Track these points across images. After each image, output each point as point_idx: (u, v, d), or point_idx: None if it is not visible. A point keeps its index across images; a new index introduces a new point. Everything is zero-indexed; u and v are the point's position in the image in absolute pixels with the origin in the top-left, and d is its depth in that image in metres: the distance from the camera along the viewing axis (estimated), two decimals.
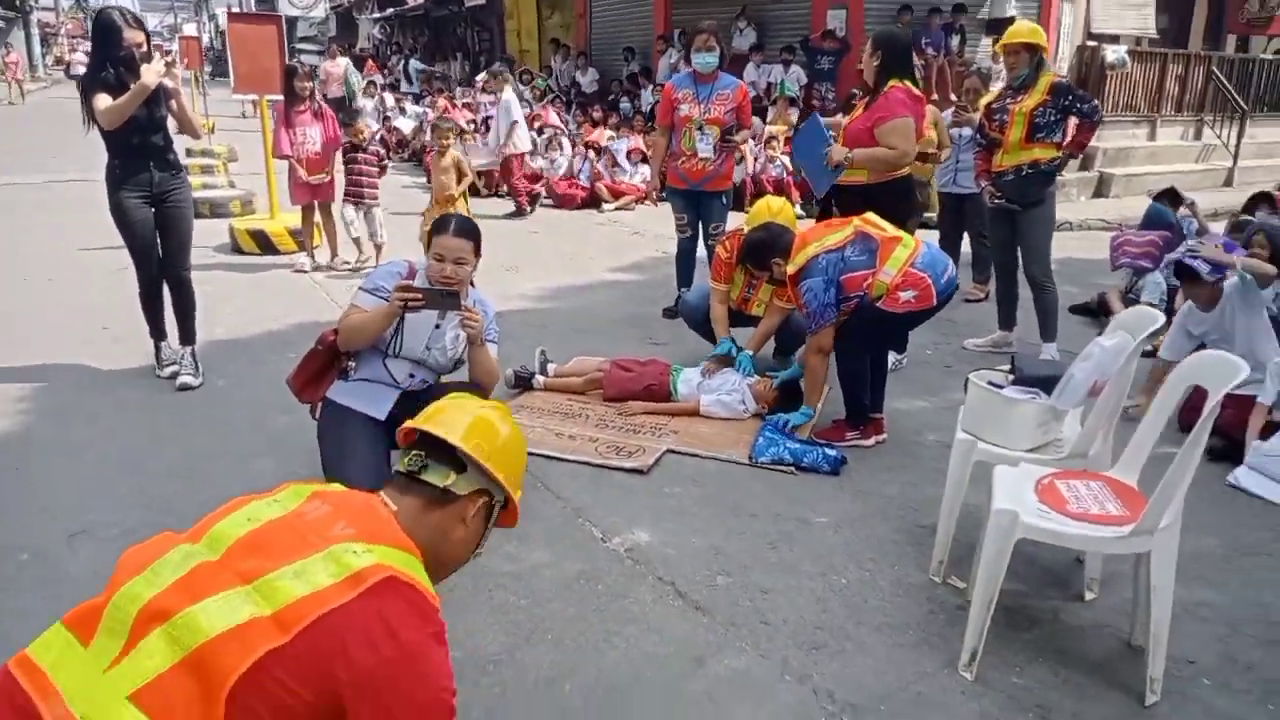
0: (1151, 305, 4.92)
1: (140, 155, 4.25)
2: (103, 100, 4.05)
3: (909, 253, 3.70)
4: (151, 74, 4.03)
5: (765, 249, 4.03)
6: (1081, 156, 5.41)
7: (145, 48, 4.19)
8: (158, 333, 4.63)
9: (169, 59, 4.22)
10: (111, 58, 4.10)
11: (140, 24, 4.26)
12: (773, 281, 4.32)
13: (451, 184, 6.88)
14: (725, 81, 5.55)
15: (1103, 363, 2.75)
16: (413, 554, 1.47)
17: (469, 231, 3.16)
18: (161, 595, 1.30)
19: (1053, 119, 4.85)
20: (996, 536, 2.42)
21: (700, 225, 5.79)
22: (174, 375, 4.50)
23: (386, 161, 7.28)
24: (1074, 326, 5.62)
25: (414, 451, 1.64)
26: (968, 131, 5.98)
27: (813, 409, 4.00)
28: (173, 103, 4.32)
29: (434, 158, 7.03)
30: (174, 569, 1.35)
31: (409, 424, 1.72)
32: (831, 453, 3.76)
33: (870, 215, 3.90)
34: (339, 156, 7.01)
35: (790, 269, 3.83)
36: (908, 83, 4.49)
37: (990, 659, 2.49)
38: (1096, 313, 6.04)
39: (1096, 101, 5.02)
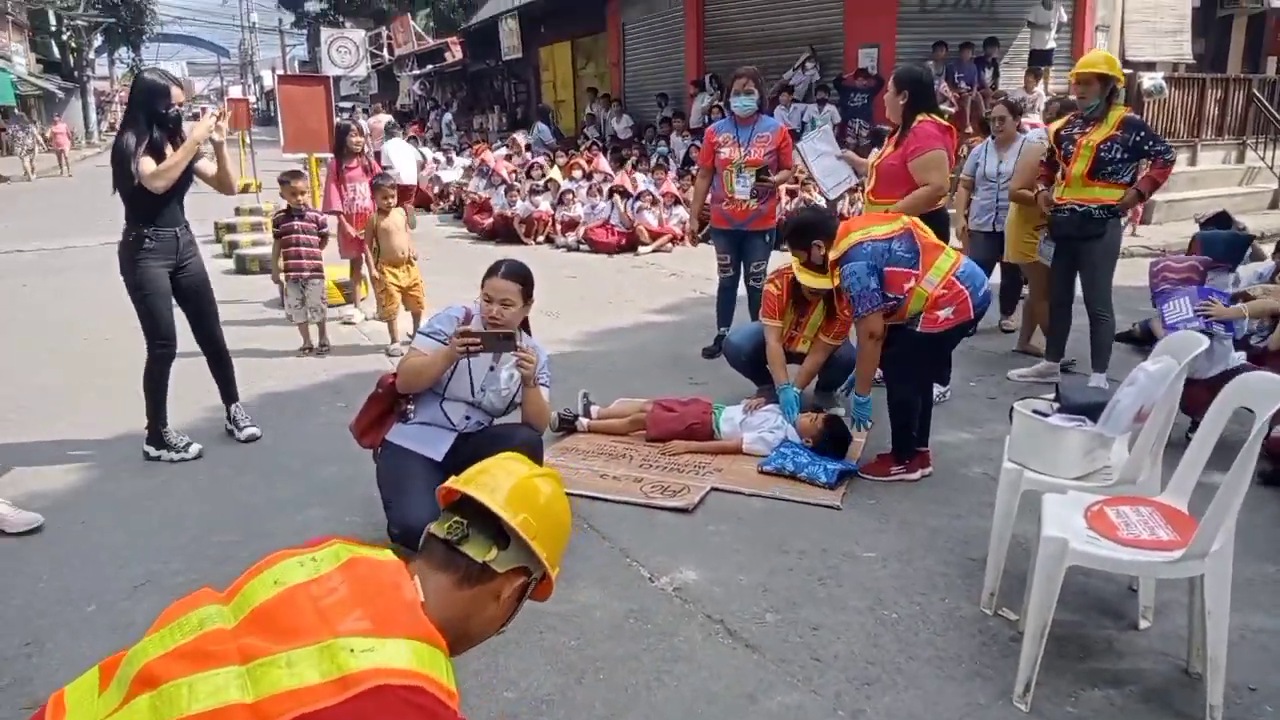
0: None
1: (171, 222, 4.17)
2: (148, 164, 3.97)
3: (951, 263, 3.74)
4: (202, 129, 4.04)
5: (809, 229, 4.09)
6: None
7: (184, 106, 4.20)
8: (163, 414, 4.36)
9: (217, 113, 4.24)
10: (158, 119, 4.04)
11: (179, 82, 4.28)
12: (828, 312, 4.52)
13: (405, 244, 6.26)
14: (765, 124, 5.64)
15: (1147, 388, 2.74)
16: (434, 644, 1.34)
17: (517, 275, 3.27)
18: (161, 659, 1.27)
19: (1119, 156, 4.71)
20: (1047, 564, 2.41)
21: (742, 265, 5.85)
22: (187, 445, 4.35)
23: (326, 230, 6.39)
24: (1118, 354, 5.55)
25: (455, 518, 1.51)
26: (1006, 168, 5.90)
27: (867, 396, 4.00)
28: (203, 162, 4.24)
29: (375, 217, 6.29)
30: (188, 631, 1.30)
31: (450, 483, 1.59)
32: (832, 466, 3.90)
33: (918, 219, 3.94)
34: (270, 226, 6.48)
35: (832, 254, 3.83)
36: (934, 116, 4.54)
37: (1044, 690, 2.47)
38: (1140, 340, 5.97)
39: (1169, 142, 4.92)
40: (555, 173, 12.47)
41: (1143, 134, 4.73)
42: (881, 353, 3.82)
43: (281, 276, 6.19)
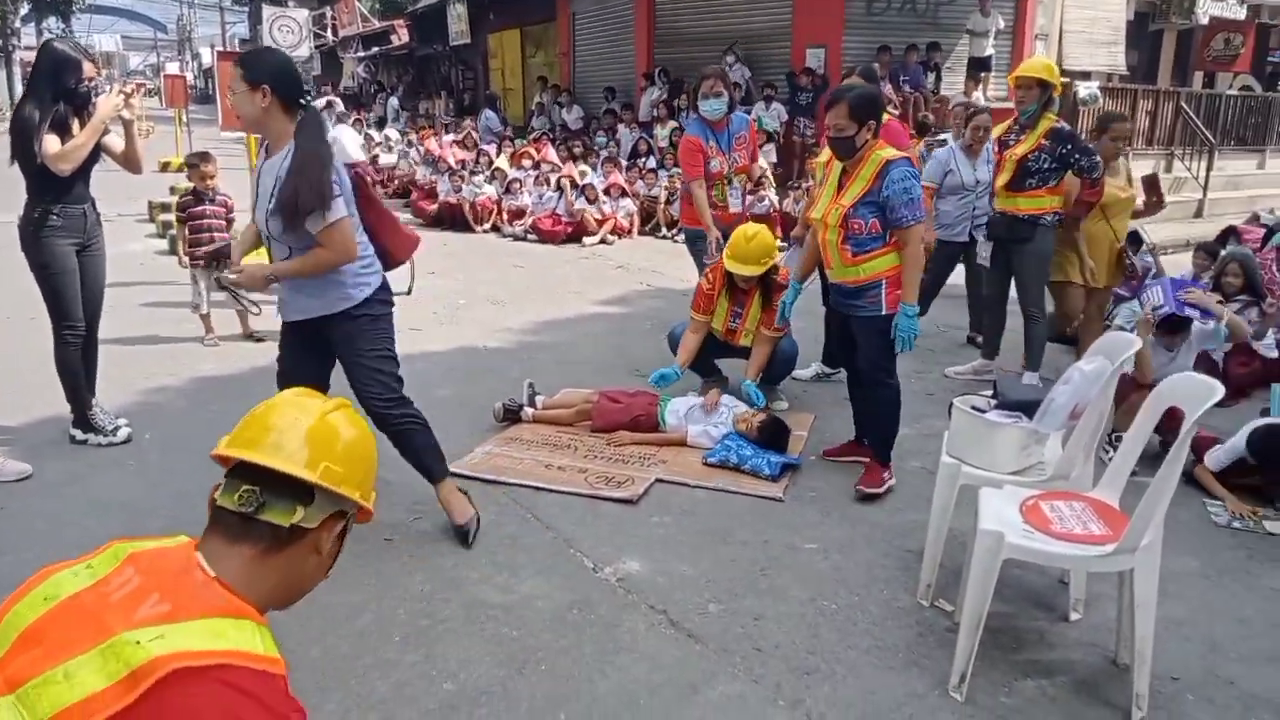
0: (1125, 330, 5.01)
1: (79, 199, 3.94)
2: (53, 142, 3.72)
3: None
4: (108, 107, 3.82)
5: (877, 103, 3.71)
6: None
7: (95, 81, 3.95)
8: (88, 395, 4.19)
9: (128, 89, 4.01)
10: (66, 93, 3.78)
11: (90, 56, 4.03)
12: (765, 301, 4.60)
13: None
14: (738, 124, 5.37)
15: (1082, 387, 2.82)
16: (239, 616, 1.20)
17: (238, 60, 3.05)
18: None
19: (1046, 166, 4.77)
20: (983, 557, 2.46)
21: None
22: (115, 429, 4.19)
23: (233, 214, 6.06)
24: (1052, 353, 5.70)
25: (243, 486, 1.30)
26: (983, 176, 5.71)
27: (915, 306, 3.67)
28: (110, 138, 4.02)
29: None
30: None
31: (225, 448, 1.35)
32: (775, 459, 3.98)
33: None
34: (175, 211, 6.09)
35: (888, 153, 3.61)
36: (887, 114, 4.56)
37: (979, 680, 2.53)
38: (1073, 340, 6.13)
39: (1098, 157, 4.84)
40: (503, 161, 12.35)
41: (1069, 146, 4.79)
42: (847, 354, 3.94)
43: (189, 263, 5.91)
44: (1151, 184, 5.61)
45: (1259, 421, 3.92)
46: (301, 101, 3.00)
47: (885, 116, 4.44)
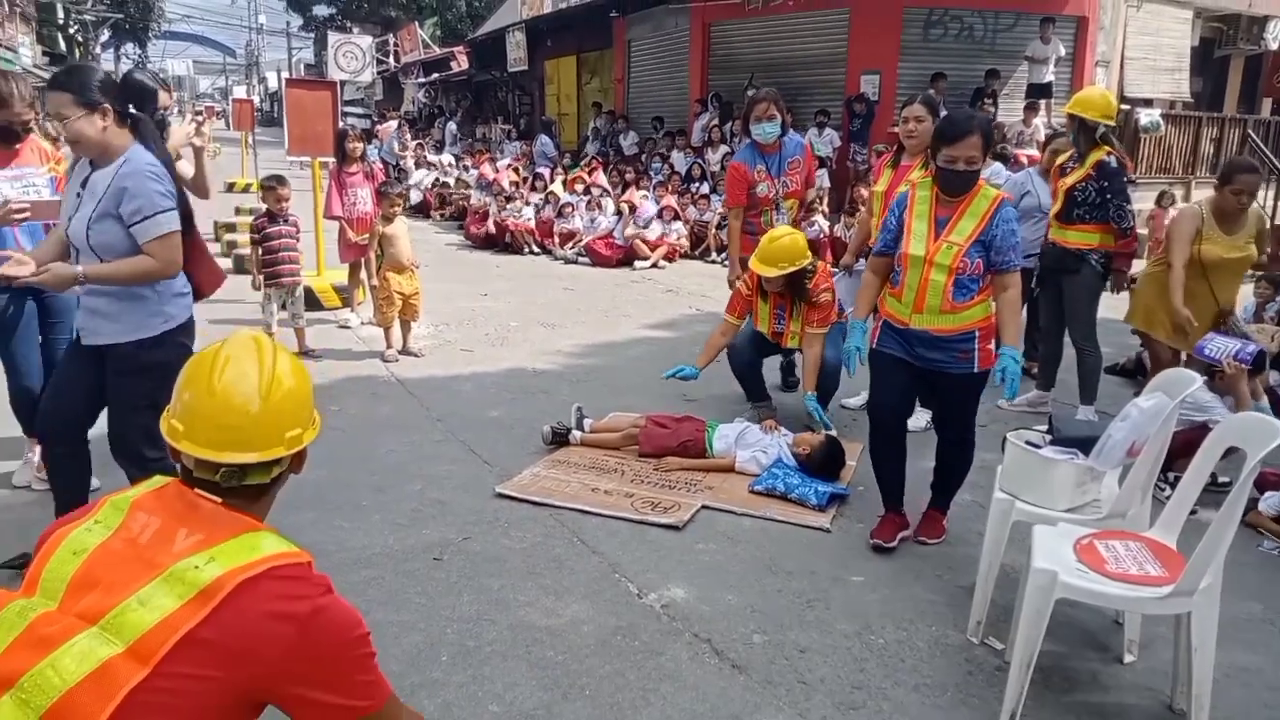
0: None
1: None
2: None
3: None
4: (181, 134, 3.98)
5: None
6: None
7: (169, 108, 4.12)
8: None
9: (199, 119, 4.27)
10: None
11: (165, 85, 4.21)
12: (803, 302, 4.57)
13: (409, 251, 6.25)
14: (791, 148, 5.22)
15: (1140, 424, 2.76)
16: (258, 530, 1.43)
17: (59, 84, 2.88)
18: (1, 660, 1.25)
19: (1093, 199, 4.72)
20: (1036, 596, 2.42)
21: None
22: None
23: (300, 235, 6.27)
24: (1110, 387, 5.59)
25: (223, 468, 1.46)
26: (1030, 201, 5.60)
27: (1017, 348, 3.41)
28: (181, 164, 4.08)
29: (380, 223, 6.31)
30: (9, 629, 1.28)
31: (204, 453, 1.45)
32: (823, 488, 3.93)
33: None
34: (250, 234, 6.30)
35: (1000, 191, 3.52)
36: None
37: None
38: (1133, 373, 6.01)
39: (1131, 206, 4.74)
40: (557, 186, 12.52)
41: (1107, 184, 4.70)
42: (935, 402, 3.80)
43: (261, 282, 6.13)
44: None
45: None
46: (132, 111, 2.96)
47: None
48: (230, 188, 15.75)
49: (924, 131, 4.43)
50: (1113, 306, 5.33)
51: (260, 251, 6.10)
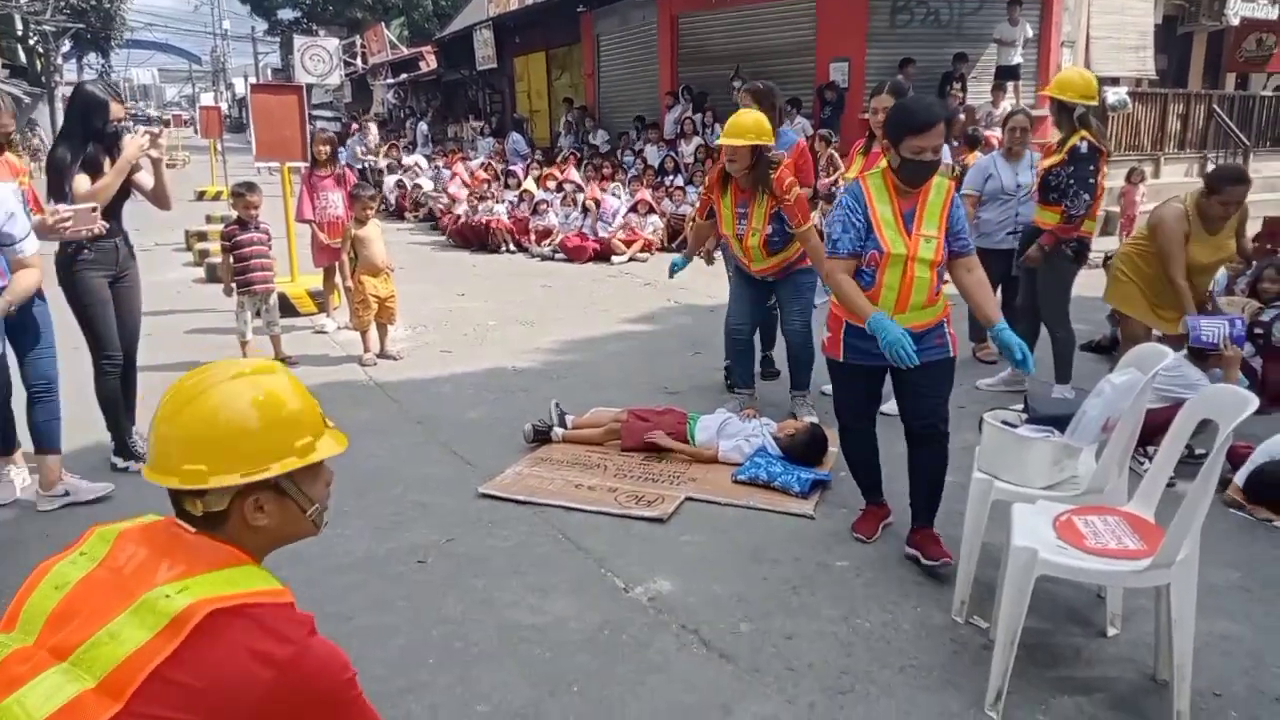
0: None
1: (111, 234, 4.01)
2: (83, 182, 3.88)
3: None
4: (134, 147, 3.94)
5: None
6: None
7: (123, 121, 4.09)
8: (128, 424, 4.31)
9: (154, 130, 4.14)
10: (97, 134, 3.95)
11: (118, 97, 4.18)
12: (768, 193, 4.45)
13: (383, 254, 6.23)
14: (782, 143, 4.96)
15: (1113, 400, 2.79)
16: (242, 565, 1.36)
17: None
18: None
19: (1064, 183, 4.76)
20: (1017, 574, 2.44)
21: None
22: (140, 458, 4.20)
23: (271, 242, 6.19)
24: (1085, 364, 5.65)
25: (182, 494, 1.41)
26: (1024, 180, 5.58)
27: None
28: (141, 175, 4.15)
29: (352, 226, 6.25)
30: None
31: (150, 476, 1.43)
32: (805, 475, 3.95)
33: None
34: (220, 241, 6.29)
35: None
36: None
37: (1015, 698, 2.50)
38: (1108, 350, 6.07)
39: (1088, 198, 4.76)
40: (530, 183, 12.48)
41: (1073, 169, 4.73)
42: (907, 398, 3.36)
43: (235, 291, 6.02)
44: (1273, 232, 5.22)
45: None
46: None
47: None
48: (201, 196, 15.62)
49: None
50: (1088, 285, 5.38)
51: (232, 259, 6.00)
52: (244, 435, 1.39)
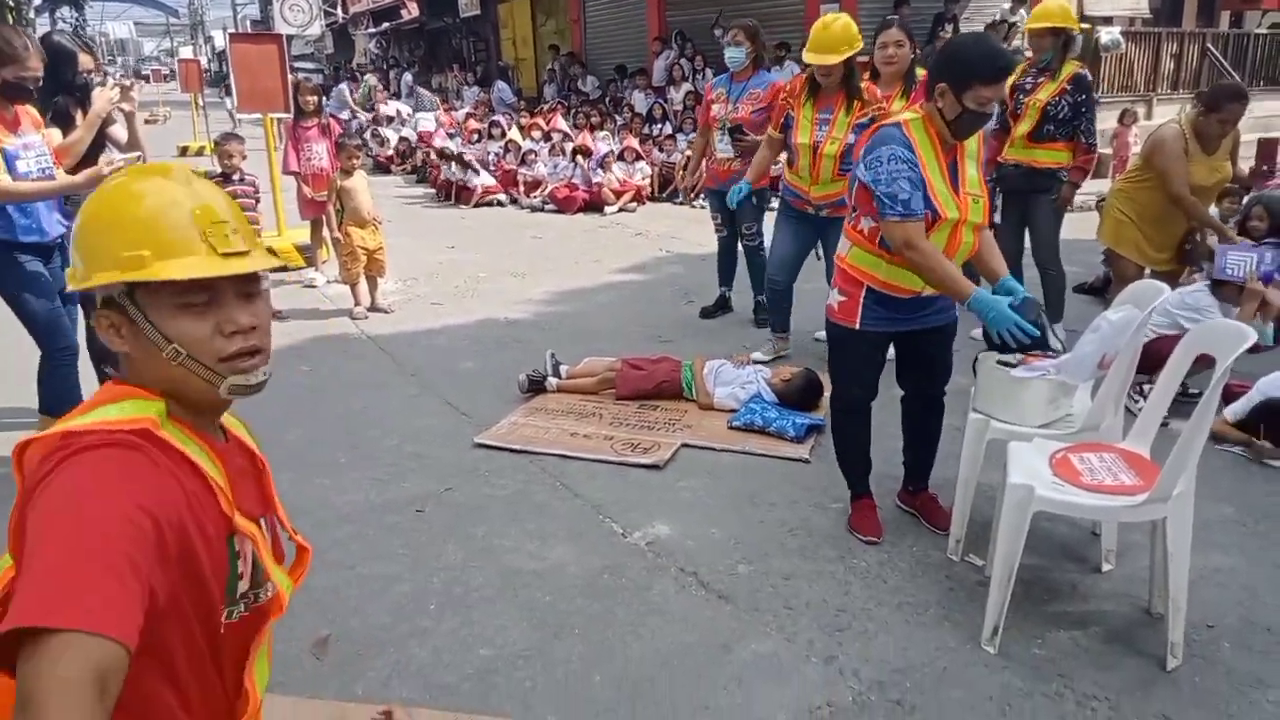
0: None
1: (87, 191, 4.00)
2: (54, 136, 3.74)
3: None
4: (103, 100, 3.79)
5: None
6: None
7: (93, 73, 3.98)
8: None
9: (125, 83, 4.02)
10: (67, 86, 3.86)
11: (88, 48, 4.08)
12: (856, 100, 4.32)
13: (370, 205, 6.14)
14: (758, 80, 5.26)
15: (1109, 336, 2.78)
16: (95, 407, 1.15)
17: None
18: None
19: (1065, 114, 4.69)
20: (1013, 510, 2.46)
21: (735, 225, 5.58)
22: None
23: (259, 194, 6.18)
24: (1077, 305, 5.65)
25: None
26: None
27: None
28: (115, 128, 4.11)
29: (338, 176, 6.15)
30: None
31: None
32: (800, 420, 3.98)
33: None
34: None
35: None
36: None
37: (1011, 632, 2.53)
38: (1100, 291, 6.07)
39: (1095, 123, 4.79)
40: (515, 133, 12.30)
41: (1084, 97, 4.69)
42: (917, 365, 3.15)
43: None
44: (1268, 154, 5.11)
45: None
46: None
47: (923, 73, 4.35)
48: (184, 152, 15.36)
49: (903, 57, 4.38)
50: (1079, 227, 5.35)
51: None
52: (81, 235, 1.20)
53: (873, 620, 2.67)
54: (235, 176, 5.95)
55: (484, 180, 11.28)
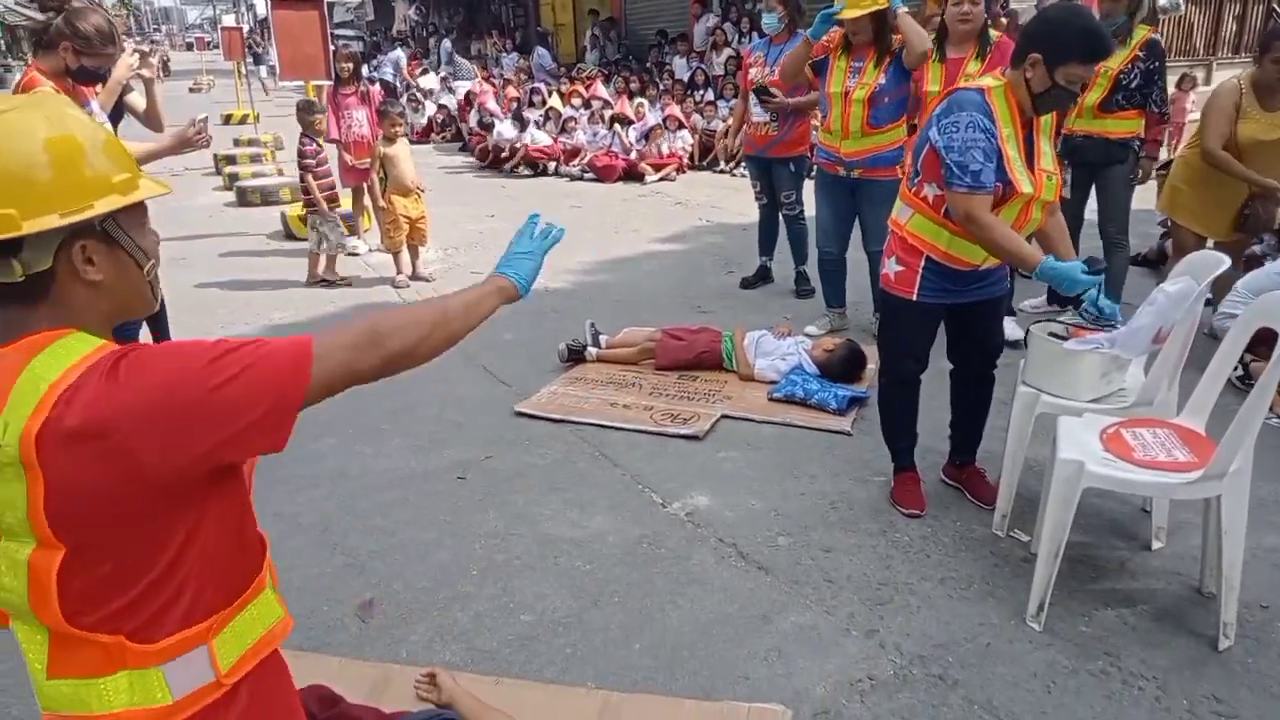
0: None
1: None
2: None
3: None
4: (123, 67, 3.81)
5: None
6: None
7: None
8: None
9: (144, 49, 4.04)
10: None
11: (108, 17, 4.04)
12: (885, 54, 4.33)
13: (413, 173, 6.17)
14: (794, 43, 4.99)
15: (1166, 309, 2.69)
16: (49, 343, 1.12)
17: None
18: None
19: (1138, 82, 4.49)
20: (1062, 486, 2.41)
21: (774, 194, 5.55)
22: None
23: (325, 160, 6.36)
24: (1134, 278, 5.49)
25: None
26: None
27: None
28: (133, 97, 4.15)
29: (381, 144, 6.19)
30: None
31: None
32: (842, 393, 3.93)
33: None
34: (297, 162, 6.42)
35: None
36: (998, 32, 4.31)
37: (1057, 609, 2.49)
38: (1155, 263, 5.90)
39: (1185, 61, 4.64)
40: (555, 100, 12.23)
41: (1157, 64, 4.51)
42: (971, 337, 3.08)
43: (325, 208, 6.16)
44: None
45: None
46: None
47: (997, 35, 4.22)
48: (227, 120, 15.48)
49: (978, 15, 4.16)
50: (1137, 197, 5.16)
51: (312, 178, 6.14)
52: (54, 167, 1.12)
53: (915, 594, 2.64)
54: (314, 146, 6.23)
55: (540, 138, 11.27)
